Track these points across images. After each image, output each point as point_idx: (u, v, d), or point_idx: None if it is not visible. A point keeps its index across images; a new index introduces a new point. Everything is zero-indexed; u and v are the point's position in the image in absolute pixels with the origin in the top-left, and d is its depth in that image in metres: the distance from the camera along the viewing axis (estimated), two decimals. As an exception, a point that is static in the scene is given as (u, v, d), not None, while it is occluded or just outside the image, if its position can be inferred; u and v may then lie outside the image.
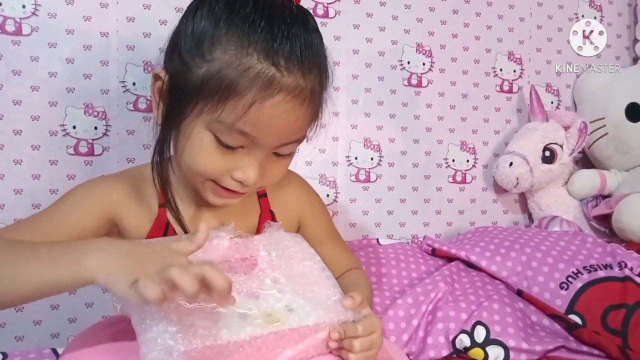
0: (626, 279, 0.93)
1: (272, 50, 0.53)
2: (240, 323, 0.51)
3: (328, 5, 1.21)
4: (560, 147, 1.30)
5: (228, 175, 0.58)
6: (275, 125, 0.55)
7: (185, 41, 0.57)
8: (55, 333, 1.02)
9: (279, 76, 0.53)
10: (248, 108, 0.53)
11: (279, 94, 0.53)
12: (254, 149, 0.57)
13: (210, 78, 0.54)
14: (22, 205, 1.01)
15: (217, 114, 0.54)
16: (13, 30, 1.00)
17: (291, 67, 0.54)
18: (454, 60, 1.32)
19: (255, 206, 0.71)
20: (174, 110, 0.58)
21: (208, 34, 0.55)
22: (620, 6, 1.48)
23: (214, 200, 0.62)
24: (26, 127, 1.01)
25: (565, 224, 1.24)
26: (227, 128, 0.55)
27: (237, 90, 0.53)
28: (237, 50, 0.53)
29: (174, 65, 0.58)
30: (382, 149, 1.27)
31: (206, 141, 0.56)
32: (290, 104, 0.54)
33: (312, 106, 0.58)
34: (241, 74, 0.53)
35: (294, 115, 0.55)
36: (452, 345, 0.85)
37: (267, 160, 0.59)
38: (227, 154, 0.57)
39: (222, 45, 0.54)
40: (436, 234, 1.32)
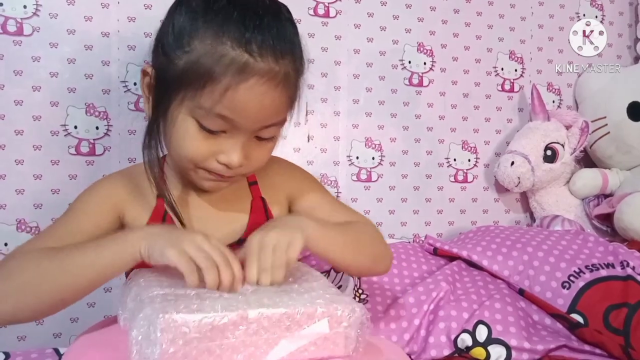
0: (628, 278, 0.93)
1: (245, 38, 0.57)
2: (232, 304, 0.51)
3: (329, 4, 1.21)
4: (562, 147, 1.30)
5: (213, 159, 0.62)
6: (252, 108, 0.59)
7: (167, 37, 0.61)
8: (57, 333, 1.03)
9: (252, 61, 0.57)
10: (224, 92, 0.57)
11: (252, 78, 0.57)
12: (236, 132, 0.61)
13: (189, 67, 0.58)
14: (24, 205, 1.01)
15: (197, 100, 0.58)
16: (14, 31, 1.00)
17: (264, 53, 0.58)
18: (455, 59, 1.32)
19: (247, 193, 0.74)
20: (160, 101, 0.62)
21: (187, 28, 0.59)
22: (621, 5, 1.48)
23: (205, 185, 0.66)
24: (27, 127, 1.01)
25: (567, 223, 1.24)
26: (207, 113, 0.59)
27: (213, 77, 0.57)
28: (212, 40, 0.57)
29: (159, 60, 0.63)
30: (384, 149, 1.27)
31: (190, 127, 0.60)
32: (264, 87, 0.58)
33: (286, 90, 0.61)
34: (217, 61, 0.57)
35: (268, 98, 0.59)
36: (453, 344, 0.85)
37: (250, 144, 0.63)
38: (210, 139, 0.61)
39: (199, 37, 0.58)
40: (438, 233, 1.32)
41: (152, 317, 0.48)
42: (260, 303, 0.52)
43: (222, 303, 0.51)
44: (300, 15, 1.19)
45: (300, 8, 1.19)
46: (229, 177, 0.65)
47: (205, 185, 0.66)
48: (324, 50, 1.21)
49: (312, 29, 1.20)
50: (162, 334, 0.47)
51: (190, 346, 0.48)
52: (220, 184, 0.66)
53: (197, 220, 0.70)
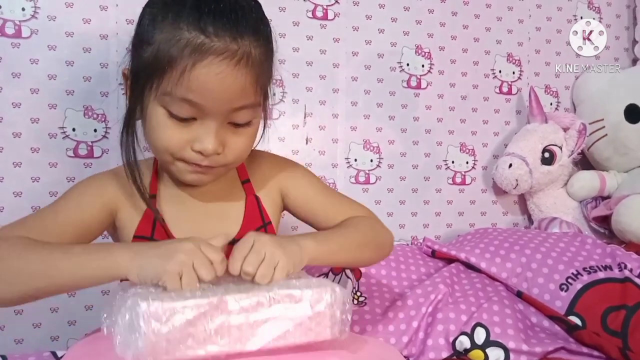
0: (626, 280, 0.93)
1: (200, 20, 0.58)
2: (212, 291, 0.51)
3: (327, 7, 1.21)
4: (560, 149, 1.30)
5: (188, 148, 0.62)
6: (213, 88, 0.59)
7: (135, 37, 0.65)
8: (54, 336, 1.02)
9: (207, 41, 0.58)
10: (182, 74, 0.58)
11: (208, 57, 0.58)
12: (206, 118, 0.61)
13: (152, 57, 0.60)
14: (22, 207, 1.00)
15: (162, 87, 0.59)
16: (13, 33, 1.00)
17: (219, 32, 0.58)
18: (453, 62, 1.32)
19: (240, 192, 0.73)
20: (135, 99, 0.64)
21: (149, 23, 0.62)
22: (618, 8, 1.48)
23: (187, 178, 0.66)
24: (26, 130, 1.01)
25: (565, 225, 1.24)
26: (172, 99, 0.60)
27: (172, 61, 0.58)
28: (170, 28, 0.59)
29: (132, 60, 0.65)
30: (382, 151, 1.27)
31: (160, 116, 0.61)
32: (222, 66, 0.58)
33: (250, 70, 0.60)
34: (174, 46, 0.58)
35: (229, 77, 0.59)
36: (452, 346, 0.85)
37: (225, 131, 0.63)
38: (182, 127, 0.61)
39: (159, 28, 0.60)
40: (436, 235, 1.32)
41: (134, 306, 0.48)
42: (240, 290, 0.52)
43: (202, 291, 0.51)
44: (298, 17, 1.19)
45: (299, 11, 1.19)
46: (208, 167, 0.64)
47: (187, 178, 0.66)
48: (322, 52, 1.21)
49: (311, 32, 1.20)
50: (144, 321, 0.47)
51: (173, 332, 0.48)
52: (202, 176, 0.66)
53: (190, 220, 0.70)
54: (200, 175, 0.66)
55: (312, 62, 1.20)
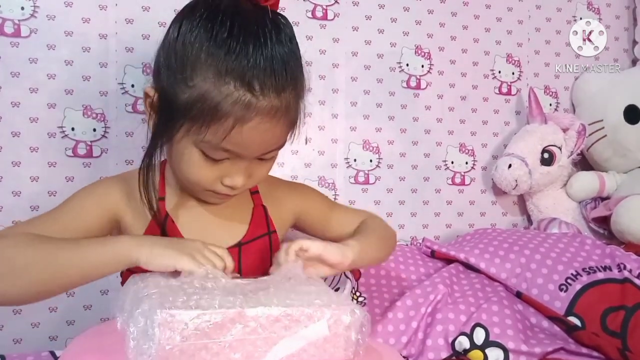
0: (625, 280, 0.93)
1: (247, 77, 0.58)
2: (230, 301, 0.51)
3: (327, 7, 1.21)
4: (559, 149, 1.30)
5: (218, 182, 0.65)
6: (255, 143, 0.62)
7: (169, 66, 0.62)
8: (53, 335, 1.02)
9: (254, 101, 0.58)
10: (229, 131, 0.59)
11: (256, 117, 0.59)
12: (238, 159, 0.63)
13: (193, 103, 0.59)
14: (21, 207, 1.00)
15: (202, 135, 0.60)
16: (12, 32, 1.00)
17: (266, 90, 0.58)
18: (453, 62, 1.32)
19: (248, 201, 0.75)
20: (163, 127, 0.63)
21: (189, 60, 0.59)
22: (618, 9, 1.48)
23: (211, 201, 0.70)
24: (25, 129, 1.01)
25: (564, 225, 1.24)
26: (211, 147, 0.61)
27: (218, 115, 0.58)
28: (215, 78, 0.58)
29: (162, 85, 0.63)
30: (381, 151, 1.27)
31: (195, 156, 0.62)
32: (267, 125, 0.60)
33: (288, 120, 0.63)
34: (221, 101, 0.58)
35: (271, 132, 0.61)
36: (451, 347, 0.85)
37: (252, 165, 0.66)
38: (214, 165, 0.63)
39: (202, 73, 0.58)
40: (435, 235, 1.32)
41: (149, 313, 0.48)
42: (259, 302, 0.52)
43: (220, 300, 0.50)
44: (298, 17, 1.19)
45: (299, 11, 1.19)
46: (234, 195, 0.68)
47: (212, 200, 0.70)
48: (322, 52, 1.21)
49: (311, 32, 1.20)
50: (159, 329, 0.47)
51: (187, 342, 0.48)
52: (225, 198, 0.69)
53: (198, 222, 0.71)
54: (224, 199, 0.70)
55: (311, 62, 1.20)
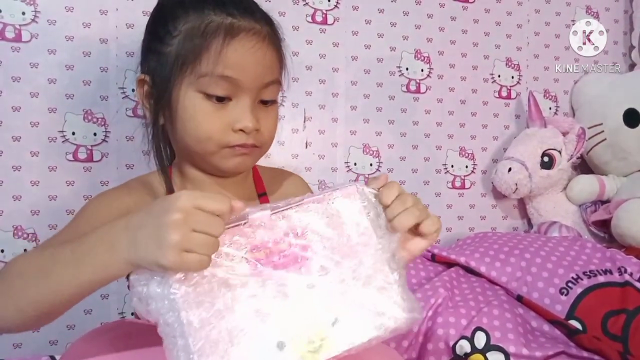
0: (626, 284, 0.93)
1: (224, 5, 0.63)
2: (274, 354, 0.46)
3: (327, 12, 1.22)
4: (559, 153, 1.30)
5: (229, 130, 0.64)
6: (248, 62, 0.63)
7: (153, 38, 0.66)
8: (53, 340, 1.02)
9: (235, 21, 0.63)
10: (220, 52, 0.61)
11: (240, 33, 0.63)
12: (240, 95, 0.64)
13: (182, 46, 0.63)
14: (21, 211, 1.00)
15: (197, 71, 0.62)
16: (13, 37, 1.00)
17: (243, 14, 0.64)
18: (452, 66, 1.33)
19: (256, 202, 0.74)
20: (161, 94, 0.65)
21: (169, 19, 0.65)
22: (616, 13, 1.49)
23: (231, 163, 0.66)
24: (25, 134, 1.01)
25: (565, 229, 1.24)
26: (210, 79, 0.62)
27: (206, 44, 0.62)
28: (195, 16, 0.63)
29: (151, 61, 0.67)
30: (381, 155, 1.27)
31: (197, 101, 0.63)
32: (253, 40, 0.63)
33: (273, 47, 0.66)
34: (205, 30, 0.62)
35: (261, 51, 0.64)
36: (452, 351, 0.84)
37: (257, 109, 0.66)
38: (219, 110, 0.64)
39: (183, 18, 0.63)
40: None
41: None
42: (310, 347, 0.46)
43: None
44: (298, 22, 1.19)
45: (299, 15, 1.19)
46: (252, 147, 0.66)
47: (231, 164, 0.66)
48: (322, 57, 1.21)
49: (310, 36, 1.20)
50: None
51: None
52: (245, 158, 0.67)
53: None
54: (244, 157, 0.67)
55: (311, 67, 1.21)
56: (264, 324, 0.47)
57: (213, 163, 0.67)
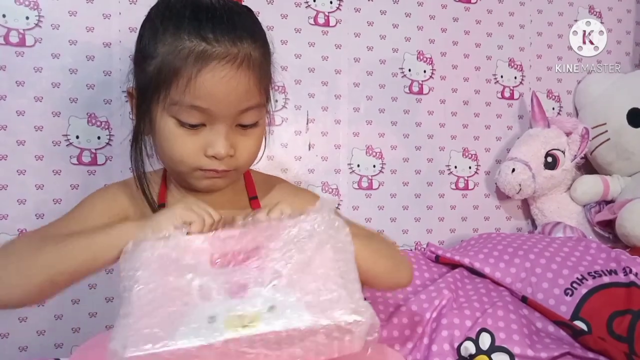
0: (631, 284, 0.93)
1: (200, 29, 0.60)
2: (205, 328, 0.48)
3: (329, 14, 1.22)
4: (563, 153, 1.30)
5: (202, 154, 0.64)
6: (220, 92, 0.61)
7: (138, 54, 0.66)
8: (59, 343, 1.02)
9: (209, 48, 0.60)
10: (189, 81, 0.60)
11: (212, 62, 0.60)
12: (215, 123, 0.63)
13: (157, 70, 0.62)
14: (26, 215, 1.01)
15: (169, 97, 0.61)
16: (17, 42, 1.00)
17: (219, 37, 0.60)
18: (455, 67, 1.33)
19: (247, 206, 0.75)
20: (143, 113, 0.66)
21: (150, 38, 0.64)
22: (619, 12, 1.48)
23: (202, 184, 0.68)
24: (30, 138, 1.01)
25: (569, 229, 1.24)
26: (180, 107, 0.61)
27: (177, 71, 0.60)
28: (172, 39, 0.61)
29: (137, 77, 0.67)
30: (384, 156, 1.27)
31: (171, 126, 0.63)
32: (226, 69, 0.60)
33: (252, 71, 0.62)
34: (177, 56, 0.60)
35: (234, 80, 0.61)
36: (457, 352, 0.84)
37: (234, 133, 0.65)
38: (193, 135, 0.63)
39: (161, 41, 0.62)
40: (439, 240, 1.31)
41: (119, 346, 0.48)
42: (239, 322, 0.49)
43: (197, 328, 0.48)
44: (300, 24, 1.19)
45: (301, 17, 1.20)
46: (223, 172, 0.66)
47: (202, 184, 0.68)
48: (324, 59, 1.22)
49: (313, 38, 1.20)
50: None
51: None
52: (217, 180, 0.68)
53: None
54: (214, 180, 0.67)
55: (314, 69, 1.21)
56: (202, 303, 0.50)
57: (187, 181, 0.68)
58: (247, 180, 0.77)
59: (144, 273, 0.51)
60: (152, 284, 0.51)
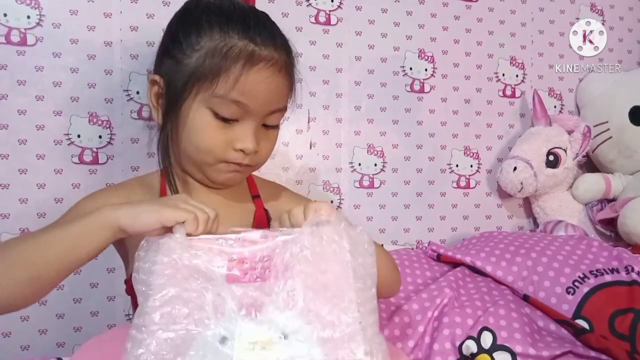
0: (633, 283, 0.92)
1: (249, 31, 0.65)
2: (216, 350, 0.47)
3: (330, 12, 1.22)
4: (564, 152, 1.30)
5: (230, 148, 0.67)
6: (261, 91, 0.65)
7: (174, 43, 0.67)
8: (60, 342, 1.02)
9: (257, 49, 0.64)
10: (238, 78, 0.63)
11: (260, 63, 0.64)
12: (247, 119, 0.66)
13: (202, 62, 0.64)
14: (27, 214, 1.01)
15: (212, 89, 0.64)
16: (18, 41, 1.00)
17: (266, 43, 0.65)
18: (456, 65, 1.33)
19: (250, 203, 0.77)
20: (173, 102, 0.67)
21: (193, 30, 0.66)
22: (621, 10, 1.48)
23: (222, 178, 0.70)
24: (31, 137, 1.01)
25: (571, 228, 1.24)
26: (222, 100, 0.64)
27: (226, 66, 0.63)
28: (220, 35, 0.64)
29: (166, 66, 0.68)
30: (386, 155, 1.27)
31: (206, 117, 0.65)
32: (270, 70, 0.65)
33: (287, 77, 0.68)
34: (227, 52, 0.63)
35: (275, 81, 0.66)
36: (458, 351, 0.84)
37: (259, 132, 0.68)
38: (225, 129, 0.66)
39: (207, 35, 0.65)
40: (441, 239, 1.31)
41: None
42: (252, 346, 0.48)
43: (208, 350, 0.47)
44: (301, 23, 1.19)
45: (302, 16, 1.19)
46: (245, 166, 0.69)
47: (222, 177, 0.70)
48: (325, 57, 1.21)
49: (314, 37, 1.20)
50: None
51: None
52: (237, 175, 0.71)
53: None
54: (235, 174, 0.70)
55: (315, 67, 1.21)
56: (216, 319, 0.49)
57: (206, 173, 0.70)
58: (248, 179, 0.79)
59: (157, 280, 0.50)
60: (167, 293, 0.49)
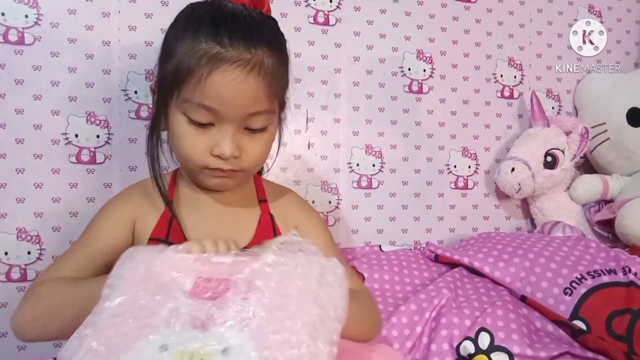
0: (630, 284, 0.93)
1: (217, 33, 0.63)
2: (152, 356, 0.45)
3: (328, 12, 1.22)
4: (562, 153, 1.30)
5: (208, 154, 0.66)
6: (227, 94, 0.63)
7: (161, 50, 0.70)
8: (57, 342, 1.02)
9: (222, 51, 0.63)
10: (200, 81, 0.63)
11: (223, 65, 0.62)
12: (223, 123, 0.65)
13: (174, 68, 0.65)
14: (24, 214, 1.01)
15: (182, 95, 0.64)
16: (16, 40, 1.00)
17: (234, 42, 0.63)
18: (455, 66, 1.33)
19: (256, 207, 0.77)
20: (159, 108, 0.69)
21: (172, 40, 0.67)
22: (619, 12, 1.48)
23: (211, 183, 0.70)
24: (28, 136, 1.01)
25: (568, 229, 1.24)
26: (191, 105, 0.64)
27: (191, 70, 0.63)
28: (190, 41, 0.64)
29: (158, 74, 0.70)
30: (384, 156, 1.27)
31: (181, 123, 0.66)
32: (235, 73, 0.63)
33: (263, 78, 0.65)
34: (192, 57, 0.63)
35: (243, 84, 0.63)
36: (456, 352, 0.84)
37: (241, 135, 0.67)
38: (201, 134, 0.66)
39: (180, 42, 0.65)
40: (439, 240, 1.31)
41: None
42: (188, 356, 0.46)
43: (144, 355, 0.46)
44: (300, 23, 1.19)
45: (300, 16, 1.19)
46: (230, 172, 0.68)
47: (211, 183, 0.70)
48: (323, 58, 1.21)
49: (312, 37, 1.20)
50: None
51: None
52: (225, 180, 0.70)
53: (205, 224, 0.73)
54: (223, 179, 0.70)
55: (313, 68, 1.21)
56: (164, 329, 0.48)
57: (197, 179, 0.71)
58: (257, 185, 0.79)
59: (121, 284, 0.51)
60: (125, 297, 0.50)
